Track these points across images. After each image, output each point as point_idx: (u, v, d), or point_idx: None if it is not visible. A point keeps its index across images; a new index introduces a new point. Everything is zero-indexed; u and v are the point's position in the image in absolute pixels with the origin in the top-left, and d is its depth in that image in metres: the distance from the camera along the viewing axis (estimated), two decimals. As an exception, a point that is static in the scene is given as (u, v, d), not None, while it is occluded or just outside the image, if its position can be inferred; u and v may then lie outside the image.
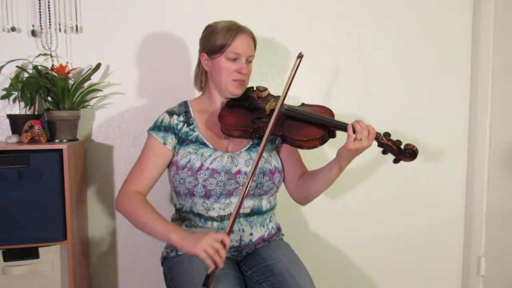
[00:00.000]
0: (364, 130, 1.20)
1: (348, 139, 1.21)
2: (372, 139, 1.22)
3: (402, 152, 1.23)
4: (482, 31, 2.02)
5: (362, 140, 1.20)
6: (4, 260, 1.46)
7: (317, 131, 1.27)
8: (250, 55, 1.37)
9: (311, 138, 1.25)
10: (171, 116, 1.37)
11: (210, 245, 1.10)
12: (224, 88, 1.37)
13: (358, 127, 1.20)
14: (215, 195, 1.30)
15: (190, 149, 1.33)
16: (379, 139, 1.23)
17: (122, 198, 1.32)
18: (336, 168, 1.29)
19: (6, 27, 1.63)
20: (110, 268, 1.82)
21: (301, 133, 1.27)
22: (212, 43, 1.35)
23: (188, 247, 1.13)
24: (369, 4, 1.97)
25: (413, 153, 1.23)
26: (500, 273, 2.00)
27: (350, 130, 1.21)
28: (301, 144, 1.28)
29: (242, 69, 1.35)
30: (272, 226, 1.42)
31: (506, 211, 1.96)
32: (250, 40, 1.37)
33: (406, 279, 2.12)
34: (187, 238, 1.15)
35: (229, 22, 1.37)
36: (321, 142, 1.27)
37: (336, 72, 1.96)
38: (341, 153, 1.26)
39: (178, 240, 1.16)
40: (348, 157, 1.25)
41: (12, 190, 1.38)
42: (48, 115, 1.58)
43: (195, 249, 1.11)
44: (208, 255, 1.10)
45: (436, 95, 2.08)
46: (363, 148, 1.22)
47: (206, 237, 1.11)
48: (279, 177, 1.38)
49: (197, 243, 1.11)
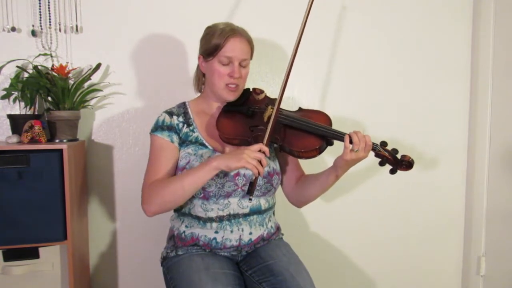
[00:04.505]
0: (361, 142, 1.22)
1: (345, 150, 1.23)
2: (369, 151, 1.25)
3: (398, 163, 1.26)
4: (482, 31, 2.02)
5: (358, 151, 1.22)
6: (4, 260, 1.46)
7: (315, 142, 1.28)
8: (243, 59, 1.34)
9: (309, 149, 1.27)
10: (171, 116, 1.37)
11: (253, 156, 1.16)
12: (217, 92, 1.36)
13: (356, 138, 1.22)
14: (214, 196, 1.30)
15: (189, 150, 1.33)
16: (376, 150, 1.26)
17: (146, 197, 1.27)
18: (332, 176, 1.31)
19: (6, 27, 1.63)
20: (110, 268, 1.82)
21: (299, 144, 1.29)
22: (207, 45, 1.34)
23: (234, 164, 1.17)
24: (369, 5, 1.97)
25: (408, 164, 1.26)
26: (500, 273, 2.00)
27: (347, 141, 1.23)
28: (299, 155, 1.30)
29: (234, 73, 1.32)
30: (272, 226, 1.42)
31: (506, 211, 1.96)
32: (244, 44, 1.34)
33: (406, 279, 2.12)
34: (229, 157, 1.18)
35: (224, 24, 1.35)
36: (319, 152, 1.29)
37: (335, 72, 1.96)
38: (338, 163, 1.28)
39: (221, 163, 1.18)
40: (345, 167, 1.28)
41: (12, 190, 1.38)
42: (48, 115, 1.58)
43: (241, 163, 1.16)
44: (253, 165, 1.15)
45: (436, 95, 2.08)
46: (359, 159, 1.24)
47: (246, 150, 1.17)
48: (277, 179, 1.38)
49: (240, 157, 1.16)
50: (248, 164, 1.15)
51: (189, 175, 1.22)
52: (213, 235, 1.32)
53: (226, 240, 1.32)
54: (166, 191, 1.23)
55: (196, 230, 1.33)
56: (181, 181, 1.22)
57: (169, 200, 1.25)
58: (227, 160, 1.18)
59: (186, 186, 1.21)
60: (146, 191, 1.28)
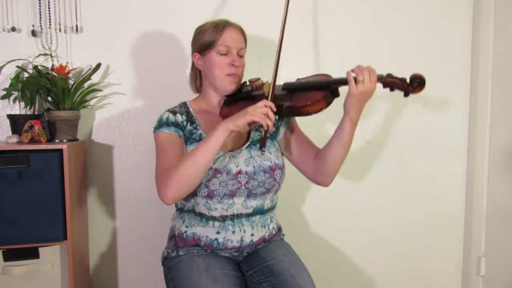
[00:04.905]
0: (365, 72, 1.18)
1: (350, 84, 1.18)
2: (375, 81, 1.19)
3: (409, 84, 1.18)
4: (482, 31, 2.02)
5: (364, 82, 1.17)
6: (4, 260, 1.46)
7: (319, 93, 1.25)
8: (240, 47, 1.36)
9: (315, 100, 1.23)
10: (175, 114, 1.36)
11: (259, 111, 1.15)
12: (218, 84, 1.36)
13: (358, 70, 1.19)
14: (218, 195, 1.29)
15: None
16: (382, 79, 1.20)
17: (160, 184, 1.21)
18: (347, 123, 1.24)
19: (6, 27, 1.63)
20: (110, 268, 1.82)
21: (304, 99, 1.25)
22: (201, 41, 1.35)
23: (241, 120, 1.16)
24: (368, 4, 1.97)
25: (421, 81, 1.17)
26: (500, 273, 2.00)
27: (350, 76, 1.19)
28: (307, 110, 1.25)
29: (234, 61, 1.33)
30: (273, 227, 1.42)
31: (506, 211, 1.96)
32: (238, 33, 1.37)
33: (406, 279, 2.12)
34: (235, 117, 1.18)
35: (216, 20, 1.38)
36: (326, 102, 1.24)
37: (335, 72, 1.95)
38: (348, 104, 1.22)
39: (229, 124, 1.17)
40: (356, 106, 1.21)
41: (12, 190, 1.38)
42: (48, 115, 1.58)
43: (247, 117, 1.15)
44: (260, 117, 1.15)
45: (436, 95, 2.07)
46: (368, 91, 1.18)
47: (251, 106, 1.17)
48: (280, 173, 1.37)
49: (246, 112, 1.16)
50: (255, 117, 1.14)
51: (199, 147, 1.19)
52: (214, 235, 1.32)
53: (228, 241, 1.32)
54: (180, 170, 1.18)
55: (198, 230, 1.33)
56: (193, 156, 1.18)
57: (185, 179, 1.18)
58: (234, 120, 1.17)
59: (199, 158, 1.17)
60: (160, 180, 1.23)
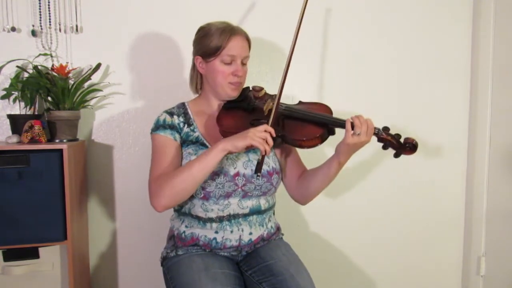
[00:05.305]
0: (363, 125, 1.20)
1: (347, 133, 1.21)
2: (371, 135, 1.22)
3: (402, 146, 1.23)
4: (482, 31, 2.02)
5: (360, 135, 1.20)
6: (4, 260, 1.46)
7: (317, 129, 1.27)
8: (245, 56, 1.35)
9: (311, 137, 1.26)
10: (172, 116, 1.37)
11: (259, 136, 1.17)
12: (220, 90, 1.36)
13: (357, 121, 1.21)
14: (214, 197, 1.29)
15: (190, 150, 1.33)
16: (379, 134, 1.24)
17: (154, 191, 1.24)
18: (335, 164, 1.28)
19: (6, 27, 1.63)
20: (110, 268, 1.82)
21: (300, 133, 1.27)
22: (206, 46, 1.33)
23: (241, 143, 1.17)
24: (369, 4, 1.97)
25: (413, 146, 1.23)
26: (500, 273, 2.00)
27: (349, 125, 1.21)
28: (301, 144, 1.28)
29: (238, 72, 1.33)
30: (272, 226, 1.42)
31: (506, 211, 1.96)
32: (244, 41, 1.35)
33: (406, 279, 2.12)
34: (235, 138, 1.19)
35: (222, 24, 1.35)
36: (321, 140, 1.27)
37: (335, 72, 1.96)
38: (340, 149, 1.26)
39: (228, 144, 1.19)
40: (347, 153, 1.25)
41: (12, 190, 1.38)
42: (48, 115, 1.58)
43: (247, 141, 1.16)
44: (259, 142, 1.16)
45: (436, 95, 2.07)
46: (361, 143, 1.22)
47: (251, 130, 1.19)
48: (277, 178, 1.38)
49: (246, 136, 1.17)
50: (254, 142, 1.16)
51: (197, 161, 1.21)
52: (213, 235, 1.32)
53: (226, 240, 1.32)
54: (175, 181, 1.21)
55: (196, 230, 1.33)
56: (190, 169, 1.21)
57: (179, 190, 1.22)
58: (233, 141, 1.18)
59: (195, 172, 1.20)
60: (153, 186, 1.25)
